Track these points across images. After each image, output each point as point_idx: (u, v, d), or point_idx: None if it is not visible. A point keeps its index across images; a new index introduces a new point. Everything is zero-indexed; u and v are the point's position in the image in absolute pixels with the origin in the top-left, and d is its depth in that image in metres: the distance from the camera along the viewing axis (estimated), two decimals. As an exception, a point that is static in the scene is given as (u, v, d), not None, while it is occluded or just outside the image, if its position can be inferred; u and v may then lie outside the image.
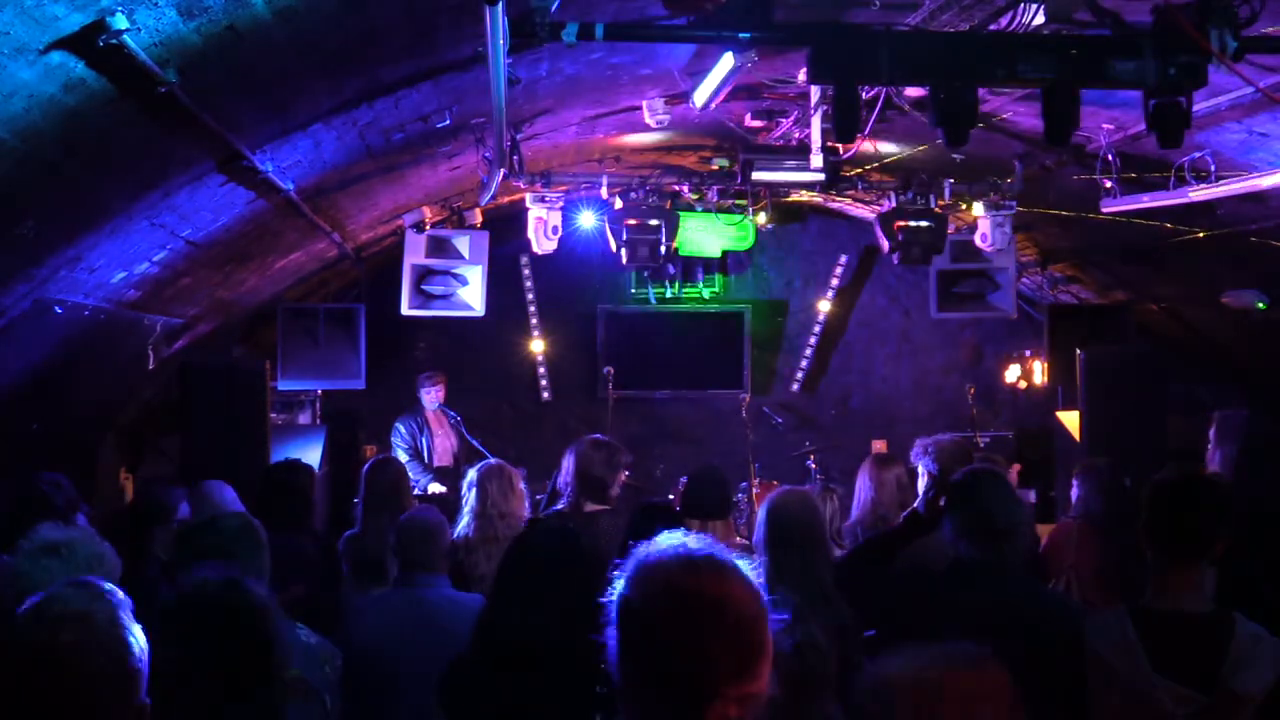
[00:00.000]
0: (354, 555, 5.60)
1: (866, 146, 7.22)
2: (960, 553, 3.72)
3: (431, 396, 9.46)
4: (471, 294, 8.99)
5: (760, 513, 4.37)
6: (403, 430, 9.41)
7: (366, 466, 6.10)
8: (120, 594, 1.99)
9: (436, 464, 9.33)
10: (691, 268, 11.17)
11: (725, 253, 10.96)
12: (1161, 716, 3.20)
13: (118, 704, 1.87)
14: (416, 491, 8.16)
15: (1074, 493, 6.08)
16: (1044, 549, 6.03)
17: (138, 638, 1.94)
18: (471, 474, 5.71)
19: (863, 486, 6.06)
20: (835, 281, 11.48)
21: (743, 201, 8.95)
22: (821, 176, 7.54)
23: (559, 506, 5.69)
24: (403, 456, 9.11)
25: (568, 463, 5.62)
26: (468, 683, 3.52)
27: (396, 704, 4.20)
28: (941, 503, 3.99)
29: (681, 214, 8.46)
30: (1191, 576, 3.32)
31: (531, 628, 3.41)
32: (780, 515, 4.26)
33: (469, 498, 5.58)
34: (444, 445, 9.43)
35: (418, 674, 4.19)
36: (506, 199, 8.93)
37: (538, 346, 11.09)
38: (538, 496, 6.96)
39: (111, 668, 1.87)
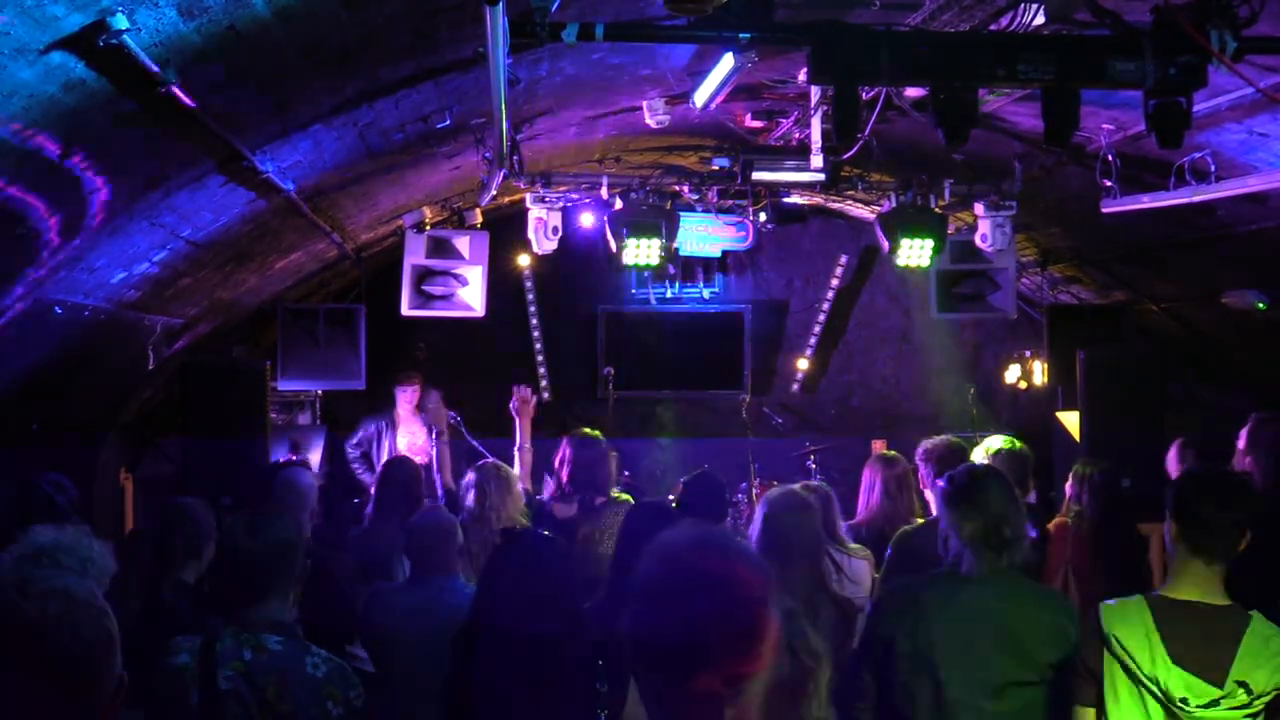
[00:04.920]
0: (361, 553, 5.60)
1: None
2: (958, 557, 3.71)
3: (404, 398, 9.40)
4: (471, 294, 8.99)
5: (756, 513, 4.37)
6: (360, 431, 9.34)
7: (381, 467, 6.13)
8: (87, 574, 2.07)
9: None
10: (692, 268, 11.17)
11: (725, 253, 10.98)
12: (1178, 708, 3.22)
13: (104, 671, 1.97)
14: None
15: (1069, 491, 6.09)
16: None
17: (110, 612, 2.03)
18: (470, 475, 5.74)
19: (867, 486, 6.07)
20: (835, 282, 11.47)
21: (743, 202, 8.96)
22: (822, 177, 7.55)
23: (553, 503, 5.73)
24: (351, 456, 9.13)
25: (565, 458, 5.67)
26: (464, 684, 3.54)
27: (409, 698, 4.21)
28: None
29: (682, 214, 8.46)
30: (1212, 571, 3.36)
31: (518, 631, 3.44)
32: (774, 515, 4.26)
33: (467, 498, 5.60)
34: (413, 445, 9.36)
35: (431, 671, 4.20)
36: (507, 199, 8.93)
37: (538, 347, 11.09)
38: (539, 497, 6.97)
39: (96, 637, 1.97)
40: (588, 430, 5.98)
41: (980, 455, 5.69)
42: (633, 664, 1.82)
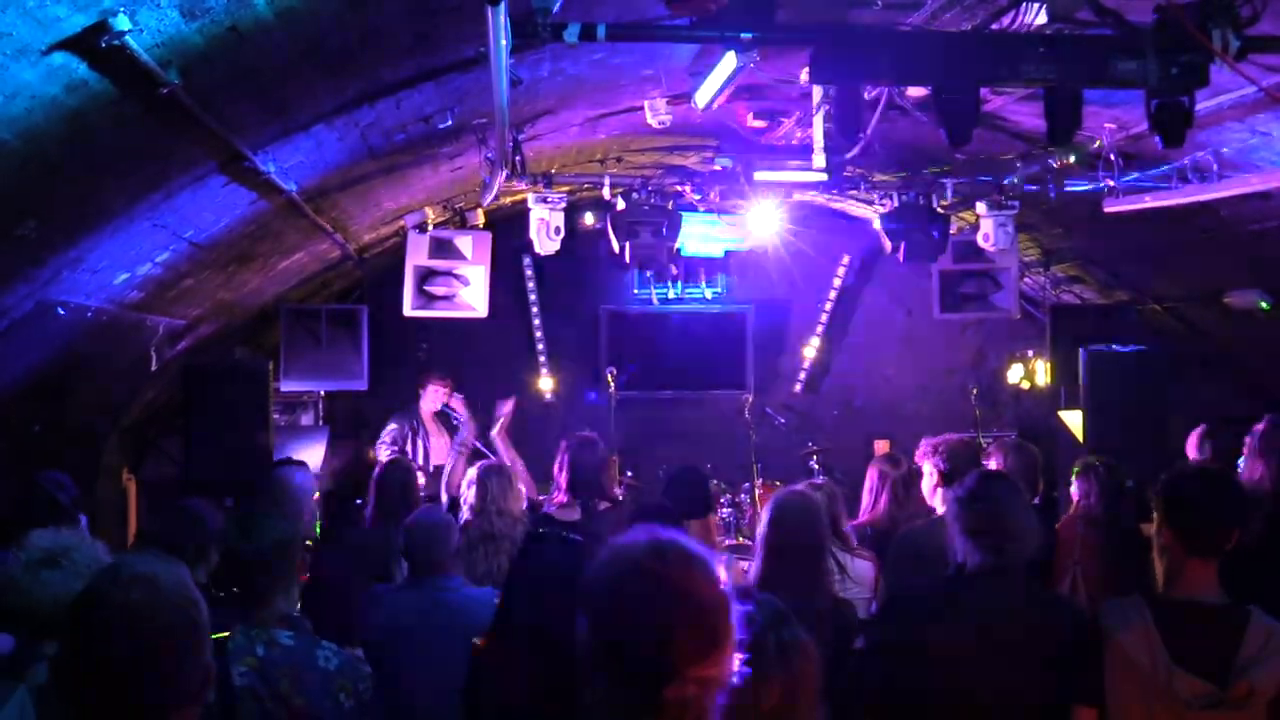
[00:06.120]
0: (359, 554, 5.60)
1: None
2: (966, 557, 3.70)
3: (434, 397, 9.41)
4: (474, 295, 8.98)
5: (764, 512, 4.38)
6: (393, 430, 9.36)
7: (378, 468, 6.13)
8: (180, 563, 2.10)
9: (433, 463, 9.33)
10: (694, 268, 11.17)
11: (728, 253, 10.97)
12: (1179, 707, 3.21)
13: (188, 658, 2.00)
14: None
15: (1074, 491, 6.09)
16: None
17: (202, 601, 2.06)
18: (471, 472, 5.76)
19: (871, 486, 6.07)
20: (837, 282, 11.47)
21: (745, 202, 8.94)
22: (824, 176, 7.54)
23: (553, 508, 5.71)
24: (384, 454, 9.12)
25: (564, 462, 5.65)
26: (486, 693, 3.53)
27: (407, 698, 4.21)
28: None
29: (684, 214, 8.45)
30: (1208, 569, 3.36)
31: (543, 644, 3.43)
32: (782, 516, 4.26)
33: (468, 495, 5.61)
34: (440, 445, 9.41)
35: (430, 672, 4.19)
36: (509, 199, 8.93)
37: (540, 347, 11.09)
38: (540, 497, 6.97)
39: (181, 624, 2.00)
40: (587, 433, 5.95)
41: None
42: (594, 676, 1.81)
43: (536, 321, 11.09)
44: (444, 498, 7.92)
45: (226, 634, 3.26)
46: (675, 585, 1.77)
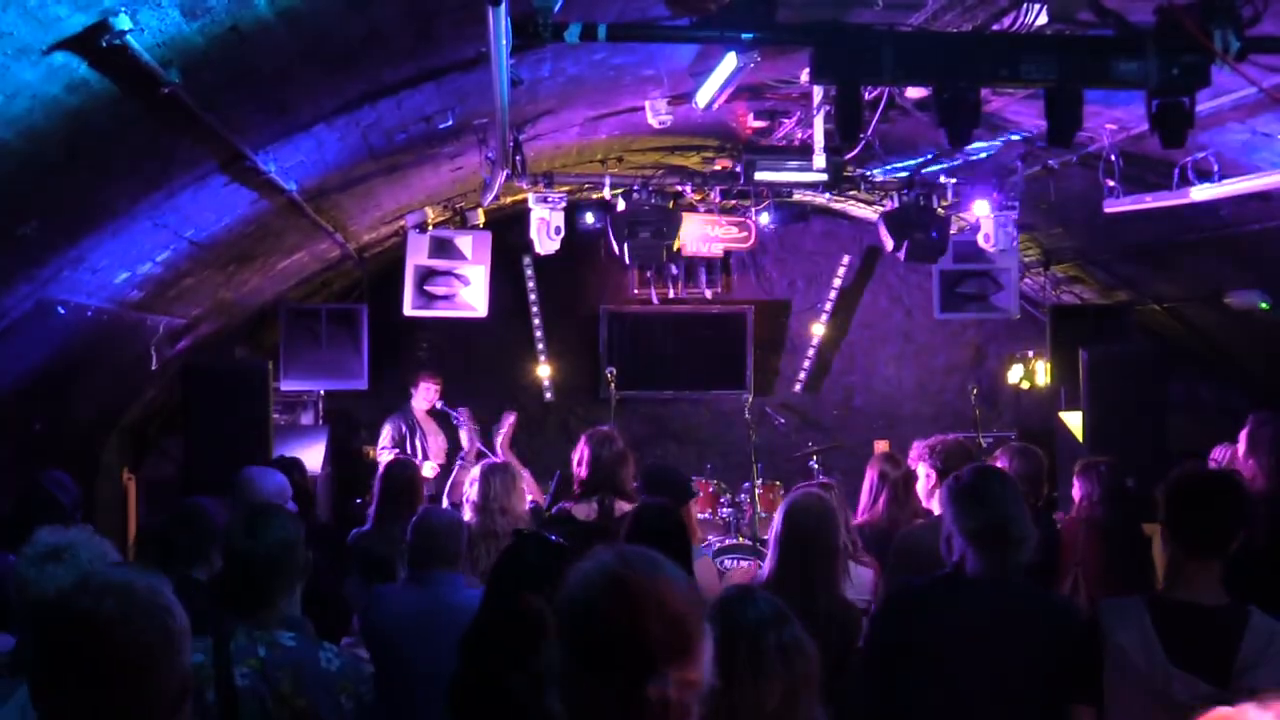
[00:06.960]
0: (363, 554, 5.60)
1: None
2: (962, 559, 3.68)
3: (425, 395, 9.42)
4: (474, 294, 8.99)
5: (779, 511, 4.37)
6: (389, 430, 9.37)
7: (381, 468, 6.12)
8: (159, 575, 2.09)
9: (434, 462, 9.33)
10: (694, 268, 11.17)
11: (728, 253, 10.98)
12: (1177, 708, 3.20)
13: (162, 668, 1.97)
14: None
15: (1075, 492, 6.09)
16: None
17: (179, 609, 2.03)
18: (475, 470, 5.75)
19: (870, 487, 6.06)
20: (838, 282, 11.47)
21: (745, 202, 8.95)
22: (824, 177, 7.54)
23: (569, 504, 5.67)
24: (386, 456, 9.12)
25: (584, 457, 5.57)
26: (466, 696, 3.53)
27: (409, 699, 4.21)
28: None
29: (684, 214, 8.46)
30: (1209, 570, 3.34)
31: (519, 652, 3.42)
32: (795, 517, 4.26)
33: (470, 492, 5.61)
34: (437, 444, 9.42)
35: (431, 671, 4.19)
36: (509, 199, 8.93)
37: (540, 347, 11.09)
38: (544, 498, 6.97)
39: (154, 633, 1.96)
40: (606, 427, 5.88)
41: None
42: (574, 690, 1.85)
43: (536, 321, 11.08)
44: (445, 503, 7.93)
45: (221, 635, 3.26)
46: (645, 587, 1.83)
